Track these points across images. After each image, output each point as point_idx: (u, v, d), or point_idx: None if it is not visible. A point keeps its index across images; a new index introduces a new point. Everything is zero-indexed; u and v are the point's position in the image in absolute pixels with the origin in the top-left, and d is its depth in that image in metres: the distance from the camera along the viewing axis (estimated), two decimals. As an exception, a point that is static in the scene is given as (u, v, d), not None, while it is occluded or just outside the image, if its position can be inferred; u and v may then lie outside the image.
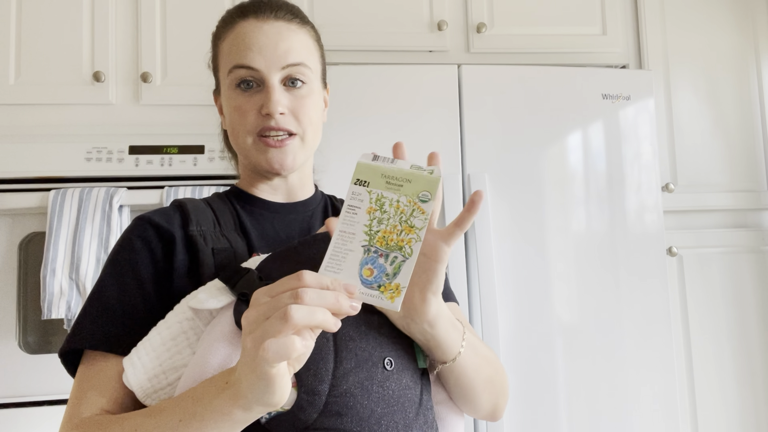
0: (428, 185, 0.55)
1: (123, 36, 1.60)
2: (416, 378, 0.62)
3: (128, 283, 0.64)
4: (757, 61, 1.87)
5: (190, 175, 1.54)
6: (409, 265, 0.52)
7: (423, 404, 0.61)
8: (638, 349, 1.50)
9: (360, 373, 0.57)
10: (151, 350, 0.58)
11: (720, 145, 1.82)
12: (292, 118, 0.70)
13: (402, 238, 0.53)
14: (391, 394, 0.58)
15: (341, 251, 0.53)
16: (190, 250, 0.66)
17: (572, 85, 1.55)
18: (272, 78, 0.69)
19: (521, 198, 1.50)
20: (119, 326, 0.62)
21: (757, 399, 1.74)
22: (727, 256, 1.78)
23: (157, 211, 0.70)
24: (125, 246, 0.67)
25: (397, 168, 0.56)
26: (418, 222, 0.53)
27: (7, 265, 1.46)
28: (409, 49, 1.72)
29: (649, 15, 1.82)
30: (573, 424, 1.45)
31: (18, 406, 1.43)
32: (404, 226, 0.53)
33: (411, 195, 0.54)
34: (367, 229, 0.53)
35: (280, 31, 0.70)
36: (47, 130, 1.53)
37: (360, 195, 0.54)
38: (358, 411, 0.55)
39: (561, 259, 1.49)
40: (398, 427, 0.57)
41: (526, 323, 1.46)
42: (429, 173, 0.55)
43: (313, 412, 0.54)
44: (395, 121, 1.48)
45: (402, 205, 0.54)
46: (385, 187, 0.55)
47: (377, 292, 0.51)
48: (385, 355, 0.59)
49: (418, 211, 0.54)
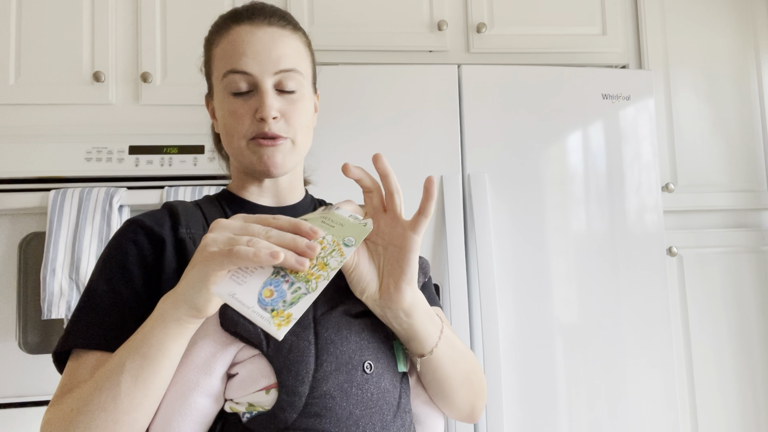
0: (356, 233, 0.57)
1: (123, 36, 1.60)
2: (395, 382, 0.63)
3: (119, 285, 0.65)
4: (757, 61, 1.87)
5: (190, 175, 1.54)
6: (308, 299, 0.52)
7: (401, 407, 0.63)
8: (638, 349, 1.50)
9: (340, 375, 0.59)
10: None
11: (720, 145, 1.82)
12: (283, 122, 0.71)
13: (312, 272, 0.53)
14: (369, 397, 0.59)
15: (251, 267, 0.53)
16: (179, 253, 0.67)
17: (572, 85, 1.55)
18: (266, 83, 0.70)
19: (521, 198, 1.49)
20: (111, 325, 0.63)
21: (757, 399, 1.73)
22: (727, 256, 1.78)
23: (148, 213, 0.71)
24: (116, 248, 0.67)
25: (336, 214, 0.59)
26: (333, 262, 0.54)
27: (7, 265, 1.46)
28: (409, 49, 1.72)
29: (649, 15, 1.82)
30: (573, 423, 1.45)
31: (18, 406, 1.43)
32: (319, 261, 0.54)
33: (338, 236, 0.56)
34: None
35: (273, 37, 0.71)
36: (47, 130, 1.53)
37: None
38: (337, 412, 0.57)
39: (561, 259, 1.49)
40: (375, 428, 0.59)
41: (526, 323, 1.46)
42: (363, 225, 0.58)
43: (293, 412, 0.56)
44: (395, 121, 1.48)
45: (326, 243, 0.55)
46: (320, 225, 0.57)
47: (268, 315, 0.51)
48: (365, 359, 0.61)
49: (337, 252, 0.55)
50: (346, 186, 1.44)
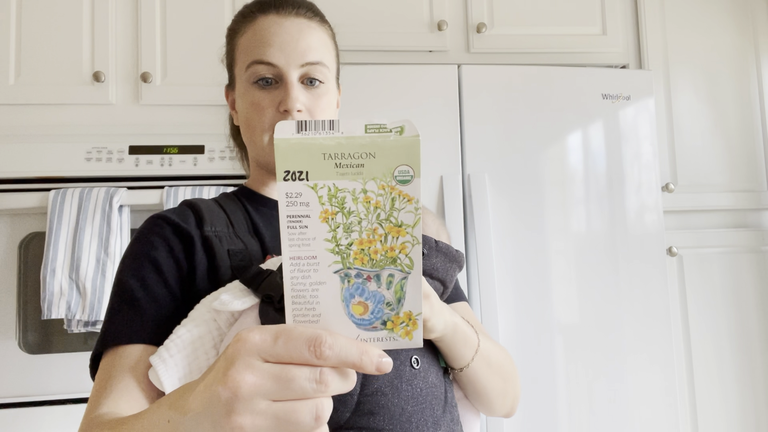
0: (404, 154, 0.36)
1: (123, 36, 1.60)
2: (440, 376, 0.63)
3: (150, 276, 0.62)
4: (757, 61, 1.87)
5: (190, 175, 1.54)
6: (414, 280, 0.37)
7: (448, 401, 0.62)
8: (638, 348, 1.50)
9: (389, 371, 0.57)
10: (182, 347, 0.57)
11: (720, 145, 1.82)
12: (308, 116, 0.69)
13: (390, 245, 0.37)
14: (419, 392, 0.58)
15: (307, 289, 0.37)
16: (207, 251, 0.65)
17: (572, 85, 1.55)
18: (291, 75, 0.68)
19: (521, 198, 1.49)
20: (148, 319, 0.60)
21: (757, 399, 1.73)
22: (727, 256, 1.78)
23: (172, 210, 0.68)
24: (143, 243, 0.65)
25: (344, 138, 0.36)
26: (406, 216, 0.37)
27: (7, 265, 1.46)
28: (409, 49, 1.72)
29: (649, 15, 1.82)
30: (573, 423, 1.45)
31: (18, 406, 1.43)
32: (387, 226, 0.37)
33: (382, 177, 0.36)
34: (332, 246, 0.37)
35: (300, 29, 0.69)
36: (47, 130, 1.53)
37: (300, 196, 0.36)
38: (390, 409, 0.56)
39: (561, 258, 1.49)
40: (428, 423, 0.58)
41: (526, 323, 1.46)
42: (398, 132, 0.36)
43: (346, 411, 0.55)
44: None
45: (374, 196, 0.36)
46: (337, 174, 0.36)
47: (385, 332, 0.38)
48: (412, 354, 0.60)
49: (402, 199, 0.37)
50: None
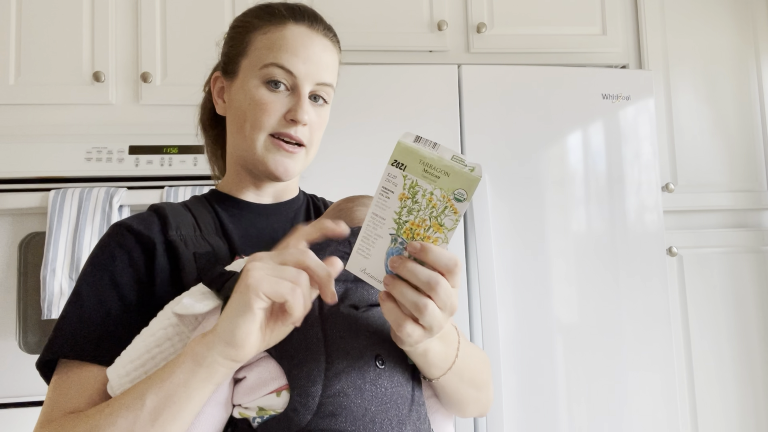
0: (466, 183, 0.50)
1: (123, 36, 1.60)
2: (407, 374, 0.62)
3: (106, 291, 0.63)
4: (757, 61, 1.87)
5: (190, 175, 1.54)
6: None
7: (415, 400, 0.61)
8: (638, 348, 1.50)
9: (352, 372, 0.57)
10: (136, 357, 0.57)
11: (720, 145, 1.82)
12: (308, 131, 0.72)
13: (428, 235, 0.51)
14: (383, 392, 0.57)
15: (371, 235, 0.52)
16: (171, 256, 0.65)
17: (572, 85, 1.55)
18: (305, 88, 0.71)
19: (521, 197, 1.49)
20: (96, 335, 0.61)
21: (757, 399, 1.74)
22: (727, 256, 1.78)
23: (135, 216, 0.69)
24: (103, 253, 0.66)
25: (437, 156, 0.51)
26: (448, 221, 0.51)
27: (7, 265, 1.46)
28: (409, 49, 1.72)
29: (649, 15, 1.82)
30: (573, 423, 1.45)
31: (18, 406, 1.43)
32: (433, 222, 0.51)
33: (446, 190, 0.50)
34: (396, 217, 0.52)
35: (325, 49, 0.73)
36: (47, 130, 1.53)
37: (395, 178, 0.51)
38: (352, 410, 0.55)
39: (561, 259, 1.49)
40: (392, 423, 0.57)
41: (526, 323, 1.46)
42: (470, 170, 0.50)
43: (307, 413, 0.54)
44: (395, 121, 1.48)
45: (435, 199, 0.51)
46: (422, 175, 0.51)
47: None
48: (377, 352, 0.59)
49: (450, 210, 0.51)
50: (347, 186, 1.45)
